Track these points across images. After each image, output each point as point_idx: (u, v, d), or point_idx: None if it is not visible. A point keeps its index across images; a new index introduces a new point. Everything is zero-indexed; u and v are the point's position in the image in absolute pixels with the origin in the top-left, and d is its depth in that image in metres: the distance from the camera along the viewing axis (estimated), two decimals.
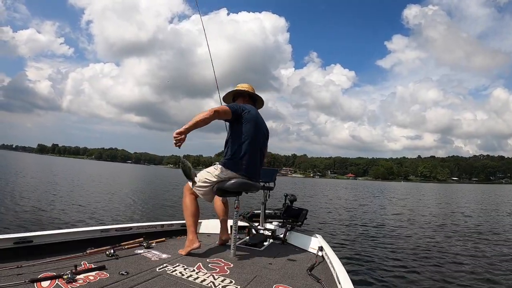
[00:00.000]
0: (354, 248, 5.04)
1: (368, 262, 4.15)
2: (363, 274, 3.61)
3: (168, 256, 2.04)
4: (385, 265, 4.02)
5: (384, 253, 4.65)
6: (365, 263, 4.08)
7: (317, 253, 2.24)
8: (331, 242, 4.19)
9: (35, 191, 10.80)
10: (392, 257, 4.45)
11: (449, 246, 5.48)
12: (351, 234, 6.28)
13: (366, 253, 4.64)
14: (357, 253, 4.69)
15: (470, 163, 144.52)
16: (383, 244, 5.29)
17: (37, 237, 1.89)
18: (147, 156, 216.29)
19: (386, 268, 3.89)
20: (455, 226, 7.99)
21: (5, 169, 21.08)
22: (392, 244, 5.35)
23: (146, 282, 1.58)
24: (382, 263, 4.10)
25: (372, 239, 5.81)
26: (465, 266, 4.17)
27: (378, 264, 4.07)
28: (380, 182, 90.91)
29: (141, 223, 2.66)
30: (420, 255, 4.51)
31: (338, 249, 4.73)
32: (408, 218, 9.35)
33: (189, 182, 2.13)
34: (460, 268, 4.08)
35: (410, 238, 5.94)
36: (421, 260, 4.25)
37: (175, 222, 2.82)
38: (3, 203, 7.72)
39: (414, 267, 3.94)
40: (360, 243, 5.40)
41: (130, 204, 9.96)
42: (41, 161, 52.97)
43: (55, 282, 1.47)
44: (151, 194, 13.79)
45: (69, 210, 7.70)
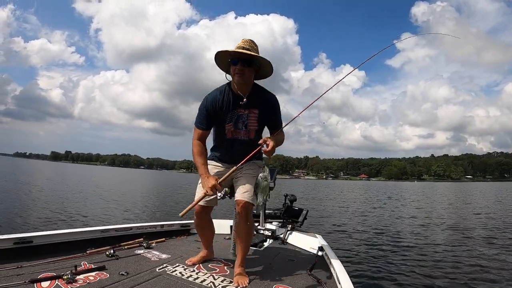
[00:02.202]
0: (354, 248, 5.03)
1: (368, 262, 4.14)
2: (364, 274, 3.61)
3: (168, 256, 2.04)
4: (385, 265, 4.01)
5: (385, 253, 4.64)
6: (365, 263, 4.08)
7: (317, 253, 2.27)
8: (331, 242, 4.21)
9: (51, 195, 10.71)
10: (393, 257, 4.43)
11: (460, 249, 4.97)
12: (351, 234, 6.28)
13: (366, 253, 4.63)
14: (358, 253, 4.68)
15: (484, 161, 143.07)
16: (385, 245, 5.28)
17: (37, 237, 1.89)
18: (159, 162, 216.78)
19: (386, 268, 3.88)
20: (470, 230, 7.02)
21: (22, 175, 21.21)
22: (394, 244, 5.32)
23: (146, 283, 1.58)
24: (383, 263, 4.08)
25: (372, 239, 5.80)
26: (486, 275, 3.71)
27: (379, 264, 4.06)
28: (394, 182, 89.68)
29: (141, 223, 2.65)
30: (422, 256, 4.45)
31: (338, 249, 4.73)
32: (413, 218, 9.15)
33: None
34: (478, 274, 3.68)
35: (414, 239, 5.86)
36: (423, 261, 4.24)
37: (175, 222, 2.82)
38: (17, 206, 7.79)
39: (415, 268, 3.91)
40: (360, 243, 5.39)
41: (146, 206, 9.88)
42: (55, 168, 52.45)
43: (55, 283, 1.47)
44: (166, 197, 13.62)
45: (87, 212, 7.64)
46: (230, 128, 1.78)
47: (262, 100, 1.77)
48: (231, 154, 1.83)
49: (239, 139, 1.80)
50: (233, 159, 1.76)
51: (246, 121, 1.77)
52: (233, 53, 1.66)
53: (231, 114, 1.76)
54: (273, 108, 1.80)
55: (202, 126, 1.78)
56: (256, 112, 1.76)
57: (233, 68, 1.68)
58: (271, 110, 1.80)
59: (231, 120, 1.76)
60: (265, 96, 1.79)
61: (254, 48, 1.71)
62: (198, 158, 1.75)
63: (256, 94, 1.77)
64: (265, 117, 1.78)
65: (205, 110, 1.75)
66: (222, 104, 1.74)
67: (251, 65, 1.67)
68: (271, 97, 1.81)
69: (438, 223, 8.21)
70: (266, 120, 1.80)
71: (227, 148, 1.85)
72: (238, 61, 1.64)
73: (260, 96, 1.77)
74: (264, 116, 1.78)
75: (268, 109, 1.79)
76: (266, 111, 1.78)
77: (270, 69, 1.77)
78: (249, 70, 1.67)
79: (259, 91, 1.79)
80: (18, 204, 8.07)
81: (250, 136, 1.80)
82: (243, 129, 1.78)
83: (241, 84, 1.70)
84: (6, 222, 5.75)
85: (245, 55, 1.63)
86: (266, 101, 1.79)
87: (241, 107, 1.74)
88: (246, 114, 1.76)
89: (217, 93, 1.76)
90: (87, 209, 8.27)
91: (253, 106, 1.75)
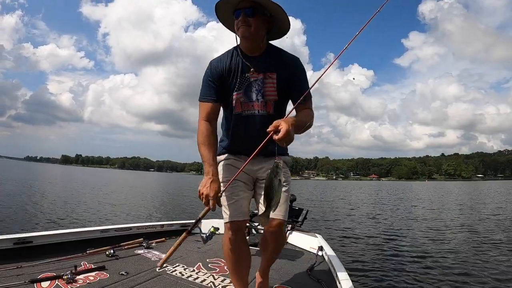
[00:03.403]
0: (354, 248, 5.00)
1: (369, 262, 4.12)
2: (364, 274, 3.58)
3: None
4: (386, 265, 4.00)
5: (386, 254, 4.61)
6: (365, 263, 4.05)
7: (317, 253, 2.25)
8: (332, 242, 4.16)
9: (53, 196, 10.85)
10: (393, 257, 4.40)
11: (475, 256, 4.45)
12: (352, 234, 6.24)
13: (367, 253, 4.61)
14: (358, 253, 4.66)
15: (495, 159, 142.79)
16: (386, 245, 5.24)
17: (37, 238, 1.89)
18: (169, 164, 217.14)
19: (387, 268, 3.87)
20: (486, 234, 6.32)
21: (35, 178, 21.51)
22: (395, 245, 5.29)
23: (146, 282, 1.58)
24: (383, 264, 4.07)
25: (374, 240, 5.75)
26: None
27: (379, 264, 4.03)
28: (404, 182, 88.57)
29: (141, 223, 2.65)
30: (426, 259, 4.37)
31: (338, 249, 4.70)
32: (419, 219, 8.92)
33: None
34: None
35: (418, 241, 5.72)
36: (424, 262, 4.18)
37: (175, 222, 2.82)
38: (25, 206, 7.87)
39: (416, 269, 3.88)
40: (361, 244, 5.35)
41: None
42: (63, 171, 52.71)
43: (55, 283, 1.48)
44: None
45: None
46: (239, 98, 1.34)
47: (281, 60, 1.33)
48: (242, 139, 1.36)
49: (252, 114, 1.34)
50: (247, 148, 1.28)
51: (262, 89, 1.33)
52: (234, 3, 1.26)
53: (240, 79, 1.33)
54: (296, 71, 1.34)
55: (208, 97, 1.34)
56: (274, 76, 1.32)
57: (236, 22, 1.27)
58: (294, 74, 1.33)
59: (241, 87, 1.33)
60: (284, 55, 1.35)
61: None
62: (204, 148, 1.29)
63: (273, 54, 1.34)
64: (287, 83, 1.33)
65: (210, 77, 1.34)
66: (229, 67, 1.33)
67: (255, 14, 1.25)
68: (292, 57, 1.36)
69: (448, 225, 7.71)
70: (289, 88, 1.34)
71: (237, 130, 1.38)
72: (241, 12, 1.25)
73: (278, 55, 1.34)
74: (285, 81, 1.32)
75: (290, 72, 1.33)
76: (287, 75, 1.32)
77: (286, 20, 1.31)
78: (256, 21, 1.25)
79: (275, 50, 1.37)
80: (19, 205, 8.13)
81: (268, 110, 1.34)
82: (258, 99, 1.33)
83: (248, 40, 1.28)
84: (6, 222, 5.76)
85: (246, 3, 1.23)
86: (286, 61, 1.34)
87: (253, 69, 1.32)
88: (260, 79, 1.32)
89: (223, 55, 1.37)
90: (87, 210, 8.33)
91: (269, 69, 1.32)
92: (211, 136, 1.32)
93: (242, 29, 1.26)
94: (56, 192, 12.76)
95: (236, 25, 1.28)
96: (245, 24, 1.25)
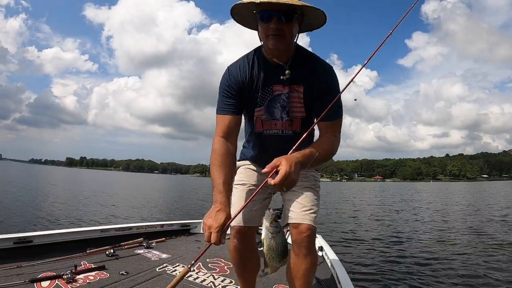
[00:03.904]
0: (355, 249, 4.97)
1: (369, 262, 4.10)
2: (364, 274, 3.56)
3: (168, 256, 2.04)
4: (386, 265, 3.97)
5: (387, 254, 4.59)
6: (365, 263, 4.03)
7: (317, 253, 2.23)
8: (332, 243, 4.12)
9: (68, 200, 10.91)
10: (394, 258, 4.37)
11: (476, 257, 4.31)
12: (352, 234, 6.22)
13: (368, 254, 4.58)
14: (359, 253, 4.63)
15: (500, 159, 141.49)
16: (387, 246, 5.22)
17: (37, 237, 1.89)
18: (173, 166, 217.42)
19: (387, 268, 3.84)
20: (493, 236, 6.03)
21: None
22: (397, 246, 5.23)
23: (146, 282, 1.58)
24: (383, 264, 4.05)
25: (375, 240, 5.73)
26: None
27: (379, 264, 4.01)
28: (408, 183, 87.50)
29: (141, 223, 2.66)
30: (426, 258, 4.37)
31: (338, 249, 4.68)
32: (420, 220, 8.80)
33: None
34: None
35: (420, 242, 5.66)
36: (428, 265, 4.12)
37: (175, 222, 2.82)
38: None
39: (416, 269, 3.86)
40: (362, 244, 5.32)
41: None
42: (67, 173, 52.76)
43: (55, 282, 1.48)
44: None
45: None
46: (260, 116, 1.16)
47: (311, 70, 1.10)
48: (264, 158, 1.09)
49: (276, 135, 1.17)
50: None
51: (286, 105, 1.13)
52: (262, 4, 0.97)
53: (262, 92, 1.13)
54: (326, 86, 1.09)
55: (227, 110, 1.12)
56: (301, 90, 1.11)
57: (264, 26, 1.02)
58: (323, 89, 1.09)
59: (262, 103, 1.14)
60: (314, 64, 1.11)
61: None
62: (216, 169, 1.07)
63: (301, 62, 1.10)
64: (315, 98, 1.11)
65: (228, 86, 1.13)
66: (251, 78, 1.12)
67: (292, 19, 1.00)
68: (324, 67, 1.11)
69: (454, 226, 7.42)
70: (316, 103, 1.12)
71: (259, 149, 1.24)
72: (272, 16, 0.98)
73: (307, 64, 1.10)
74: (313, 96, 1.11)
75: (319, 86, 1.09)
76: (316, 89, 1.10)
77: (321, 16, 1.05)
78: (290, 27, 1.01)
79: (305, 57, 1.12)
80: (19, 205, 8.15)
81: (294, 129, 1.16)
82: (282, 117, 1.14)
83: (279, 51, 1.05)
84: (6, 222, 5.78)
85: (283, 6, 0.97)
86: (317, 72, 1.10)
87: (279, 82, 1.10)
88: (286, 93, 1.11)
89: (243, 61, 1.14)
90: (88, 210, 8.33)
91: (296, 81, 1.10)
92: (227, 156, 1.09)
93: (275, 40, 1.01)
94: (58, 193, 12.86)
95: (263, 29, 1.03)
96: (279, 33, 1.00)
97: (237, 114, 1.14)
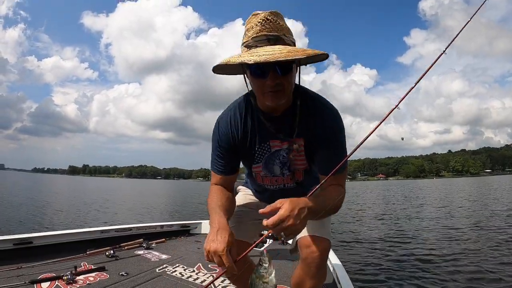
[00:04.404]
0: (356, 249, 4.93)
1: (369, 262, 4.07)
2: (364, 274, 3.54)
3: (168, 257, 2.04)
4: (386, 265, 3.95)
5: (387, 255, 4.55)
6: (365, 263, 4.00)
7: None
8: (332, 243, 4.07)
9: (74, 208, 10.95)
10: (394, 257, 4.35)
11: (486, 257, 4.05)
12: (354, 234, 6.17)
13: (369, 255, 4.54)
14: (360, 254, 4.59)
15: (502, 154, 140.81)
16: (387, 246, 5.18)
17: (37, 238, 1.90)
18: (176, 171, 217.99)
19: (387, 268, 3.81)
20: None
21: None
22: (399, 244, 5.21)
23: (146, 283, 1.58)
24: (384, 264, 4.02)
25: (375, 240, 5.69)
26: None
27: (379, 264, 3.97)
28: (411, 181, 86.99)
29: (141, 224, 2.66)
30: (432, 257, 4.31)
31: (338, 249, 4.65)
32: (422, 216, 8.66)
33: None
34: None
35: (422, 239, 5.63)
36: (426, 263, 4.11)
37: (175, 222, 2.82)
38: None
39: (416, 268, 3.82)
40: (363, 244, 5.28)
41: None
42: (68, 181, 52.68)
43: (55, 283, 1.48)
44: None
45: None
46: (259, 172, 1.07)
47: (311, 120, 0.96)
48: (266, 200, 1.11)
49: (278, 189, 1.10)
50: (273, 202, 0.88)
51: (287, 161, 1.03)
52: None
53: (259, 149, 1.02)
54: (330, 135, 0.95)
55: (218, 169, 1.05)
56: (302, 143, 0.99)
57: (258, 82, 0.87)
58: (327, 139, 0.95)
59: (260, 160, 1.04)
60: (316, 112, 0.96)
61: (282, 28, 0.85)
62: (213, 207, 0.97)
63: (302, 111, 0.96)
64: (317, 148, 0.98)
65: (218, 143, 1.02)
66: (243, 134, 1.00)
67: (290, 69, 0.85)
68: (329, 116, 0.96)
69: (462, 224, 7.13)
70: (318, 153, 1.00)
71: (261, 194, 1.18)
72: (267, 71, 0.83)
73: (308, 113, 0.96)
74: (315, 146, 0.98)
75: (322, 136, 0.95)
76: (318, 139, 0.96)
77: (324, 56, 0.86)
78: (289, 78, 0.86)
79: (306, 104, 0.96)
80: (20, 208, 8.24)
81: (296, 179, 1.07)
82: (284, 173, 1.06)
83: (278, 105, 0.93)
84: (6, 222, 5.83)
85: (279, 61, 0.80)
86: (318, 122, 0.96)
87: (276, 137, 0.99)
88: (285, 149, 1.00)
89: (234, 114, 1.01)
90: (89, 214, 8.36)
91: (296, 134, 0.98)
92: (222, 199, 1.00)
93: (274, 97, 0.87)
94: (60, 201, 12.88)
95: (256, 85, 0.88)
96: (278, 89, 0.85)
97: (231, 174, 1.06)
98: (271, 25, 0.83)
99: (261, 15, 0.84)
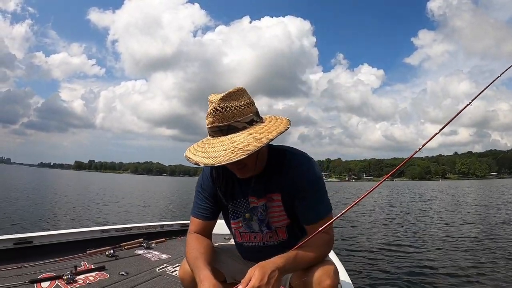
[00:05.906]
0: (354, 248, 4.93)
1: (369, 262, 4.05)
2: (364, 274, 3.52)
3: (168, 257, 2.04)
4: (386, 265, 3.92)
5: (387, 255, 4.52)
6: (366, 263, 3.98)
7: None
8: (334, 243, 4.03)
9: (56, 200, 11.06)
10: (395, 259, 4.30)
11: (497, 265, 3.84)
12: (352, 234, 6.16)
13: (370, 255, 4.52)
14: (358, 253, 4.59)
15: (509, 156, 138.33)
16: (388, 246, 5.14)
17: (37, 238, 1.90)
18: (181, 168, 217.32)
19: (388, 269, 3.78)
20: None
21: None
22: (396, 244, 5.18)
23: (146, 283, 1.58)
24: (384, 264, 3.99)
25: (376, 240, 5.67)
26: None
27: (379, 264, 3.96)
28: (417, 182, 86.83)
29: (141, 224, 2.66)
30: (427, 258, 4.29)
31: (338, 249, 4.62)
32: (428, 221, 8.49)
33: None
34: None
35: (416, 239, 5.68)
36: (427, 262, 4.06)
37: (175, 222, 2.82)
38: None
39: (416, 268, 3.79)
40: (361, 243, 5.28)
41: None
42: (73, 177, 53.40)
43: (55, 283, 1.48)
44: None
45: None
46: (238, 228, 1.07)
47: (285, 177, 0.97)
48: (251, 258, 1.06)
49: (257, 246, 1.06)
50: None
51: (265, 218, 1.01)
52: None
53: (235, 205, 1.04)
54: (308, 184, 0.95)
55: (199, 214, 1.05)
56: (279, 197, 0.99)
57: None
58: (302, 192, 0.95)
59: (238, 216, 1.05)
60: (289, 170, 0.97)
61: (234, 114, 0.84)
62: (193, 260, 0.92)
63: (274, 168, 0.98)
64: (296, 202, 0.98)
65: (201, 190, 1.06)
66: (221, 187, 1.03)
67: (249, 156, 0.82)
68: (299, 166, 0.97)
69: (470, 231, 6.73)
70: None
71: (245, 252, 1.12)
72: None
73: (281, 170, 0.97)
74: (293, 200, 0.98)
75: (298, 191, 0.95)
76: (294, 193, 0.96)
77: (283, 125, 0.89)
78: (249, 160, 0.88)
79: (277, 160, 0.98)
80: (21, 207, 8.31)
81: (281, 238, 1.04)
82: (262, 230, 1.03)
83: (246, 176, 0.97)
84: (6, 222, 5.86)
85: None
86: (292, 177, 0.96)
87: (253, 193, 1.00)
88: (262, 206, 1.00)
89: (216, 168, 1.03)
90: (89, 211, 8.43)
91: (271, 190, 0.99)
92: (203, 249, 0.96)
93: (240, 173, 0.94)
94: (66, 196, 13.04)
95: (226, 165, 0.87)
96: (241, 167, 0.91)
97: (212, 220, 1.06)
98: (221, 116, 0.83)
99: (213, 104, 0.84)
